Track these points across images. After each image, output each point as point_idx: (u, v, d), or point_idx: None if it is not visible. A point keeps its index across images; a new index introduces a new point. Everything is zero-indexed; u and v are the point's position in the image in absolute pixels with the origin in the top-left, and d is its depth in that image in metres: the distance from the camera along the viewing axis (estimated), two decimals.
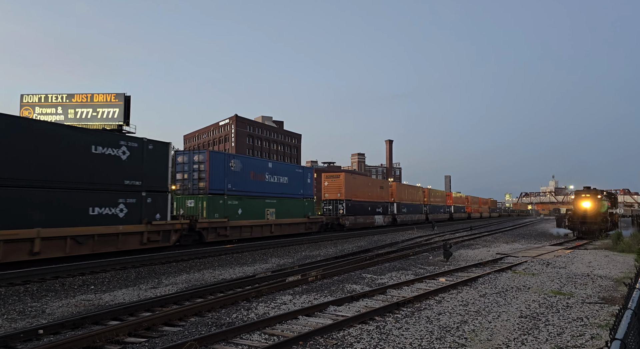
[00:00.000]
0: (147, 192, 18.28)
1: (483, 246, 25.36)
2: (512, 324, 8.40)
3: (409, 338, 7.42)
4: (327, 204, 37.83)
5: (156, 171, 18.89)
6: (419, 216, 55.49)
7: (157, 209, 18.74)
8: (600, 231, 30.54)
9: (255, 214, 25.86)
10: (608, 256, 19.76)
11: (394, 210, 47.94)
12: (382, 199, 44.91)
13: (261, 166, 27.43)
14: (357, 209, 39.16)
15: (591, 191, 32.13)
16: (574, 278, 13.79)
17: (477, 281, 13.07)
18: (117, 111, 46.20)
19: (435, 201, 63.50)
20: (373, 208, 42.72)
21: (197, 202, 23.04)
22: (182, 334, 7.58)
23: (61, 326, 7.79)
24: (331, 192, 37.82)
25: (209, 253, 19.48)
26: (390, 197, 47.45)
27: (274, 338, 7.40)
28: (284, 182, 29.07)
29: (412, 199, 54.00)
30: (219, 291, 11.23)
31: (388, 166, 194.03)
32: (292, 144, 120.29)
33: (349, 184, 38.47)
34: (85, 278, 13.39)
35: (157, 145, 19.22)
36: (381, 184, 46.47)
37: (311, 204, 31.98)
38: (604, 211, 31.60)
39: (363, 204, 40.67)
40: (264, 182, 27.19)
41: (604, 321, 8.58)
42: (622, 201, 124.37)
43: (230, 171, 24.53)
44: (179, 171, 24.28)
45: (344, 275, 14.01)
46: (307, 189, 31.85)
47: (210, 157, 23.43)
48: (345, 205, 37.48)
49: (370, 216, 41.57)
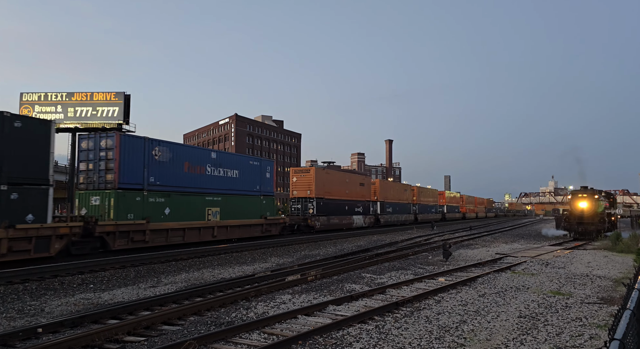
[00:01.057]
0: (9, 185, 14.12)
1: (482, 246, 25.37)
2: (511, 324, 8.41)
3: (408, 338, 7.42)
4: (296, 203, 33.79)
5: (28, 157, 14.73)
6: (406, 216, 51.98)
7: (27, 207, 14.57)
8: (597, 232, 29.82)
9: (190, 215, 21.69)
10: (607, 257, 19.77)
11: (377, 210, 44.36)
12: (362, 197, 40.98)
13: (200, 156, 22.97)
14: (330, 209, 35.12)
15: (588, 190, 31.16)
16: (573, 278, 13.80)
17: (476, 281, 13.07)
18: (117, 109, 46.14)
19: (425, 201, 60.26)
20: (351, 207, 38.79)
21: (103, 199, 18.53)
22: (181, 334, 7.57)
23: (60, 325, 7.78)
24: (300, 190, 33.75)
25: (208, 252, 19.48)
26: (372, 195, 43.81)
27: (273, 337, 7.39)
28: (233, 177, 24.95)
29: (399, 198, 50.42)
30: (218, 290, 11.22)
31: (388, 166, 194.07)
32: (292, 144, 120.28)
33: (320, 180, 34.33)
34: (85, 277, 13.39)
35: (29, 123, 15.04)
36: (362, 181, 42.20)
37: (270, 203, 27.97)
38: (601, 211, 30.86)
39: (338, 202, 36.63)
40: (205, 176, 22.92)
41: (602, 321, 8.58)
42: (622, 201, 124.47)
43: (153, 161, 19.95)
44: (82, 159, 19.73)
45: (343, 274, 14.01)
46: (266, 185, 27.62)
47: (121, 142, 18.89)
48: (316, 204, 33.42)
49: (347, 217, 37.64)
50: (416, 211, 55.81)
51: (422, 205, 58.64)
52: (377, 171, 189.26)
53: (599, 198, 31.21)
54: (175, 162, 21.34)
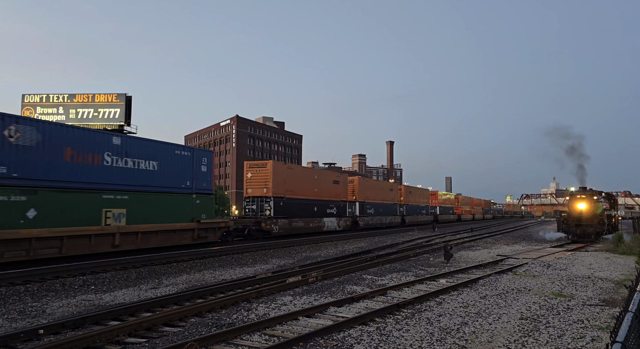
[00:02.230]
0: None
1: (484, 248, 25.34)
2: (513, 326, 8.39)
3: (409, 340, 7.41)
4: (250, 203, 28.72)
5: None
6: (391, 218, 47.38)
7: None
8: (596, 235, 28.81)
9: (75, 219, 16.34)
10: (609, 258, 19.73)
11: (356, 211, 39.91)
12: (337, 197, 36.30)
13: (92, 141, 17.56)
14: (293, 210, 30.20)
15: (587, 191, 30.10)
16: (575, 280, 13.78)
17: (477, 283, 13.06)
18: (119, 111, 46.27)
19: (414, 201, 55.59)
20: (322, 208, 33.90)
21: None
22: (182, 335, 7.58)
23: (61, 326, 7.79)
24: (255, 187, 28.66)
25: (209, 254, 19.48)
26: (350, 195, 39.34)
27: (274, 338, 7.39)
28: (149, 169, 19.68)
29: (383, 198, 45.54)
30: (219, 292, 11.23)
31: (389, 167, 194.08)
32: (293, 145, 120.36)
33: (280, 176, 29.30)
34: (86, 278, 13.40)
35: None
36: (336, 178, 36.98)
37: (207, 203, 22.74)
38: (600, 212, 29.52)
39: (305, 203, 31.66)
40: (102, 168, 17.68)
41: (604, 324, 8.57)
42: (624, 203, 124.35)
43: (7, 145, 14.64)
44: None
45: (344, 276, 14.01)
46: (201, 180, 22.47)
47: None
48: (274, 204, 28.23)
49: (315, 219, 32.80)
50: (403, 213, 51.47)
51: (411, 206, 54.35)
52: (378, 173, 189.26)
53: (598, 199, 30.19)
54: (48, 148, 15.91)
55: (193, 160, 22.19)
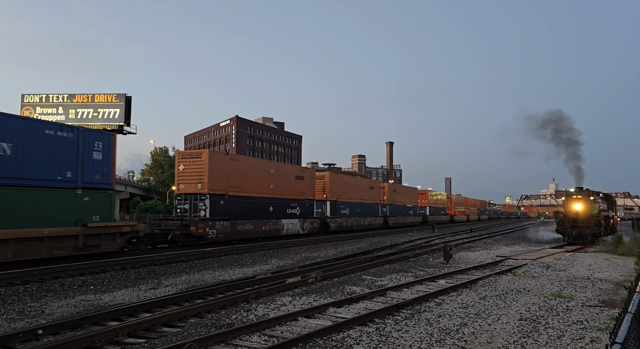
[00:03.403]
0: None
1: (483, 249, 25.34)
2: (512, 327, 8.39)
3: (408, 340, 7.41)
4: (182, 202, 23.06)
5: None
6: (371, 219, 42.46)
7: None
8: (592, 236, 27.99)
9: None
10: (608, 259, 19.74)
11: (327, 211, 34.99)
12: (301, 195, 31.00)
13: None
14: (239, 210, 24.68)
15: (583, 192, 29.27)
16: (574, 281, 13.78)
17: (477, 284, 13.06)
18: (118, 111, 46.27)
19: (400, 201, 50.79)
20: (280, 208, 28.49)
21: None
22: (181, 335, 7.57)
23: (60, 327, 7.79)
24: (189, 182, 23.05)
25: (209, 254, 19.48)
26: (319, 193, 34.63)
27: (273, 339, 7.39)
28: None
29: (361, 197, 40.65)
30: (218, 292, 11.22)
31: (388, 168, 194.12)
32: (292, 145, 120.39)
33: (220, 168, 23.66)
34: (85, 278, 13.40)
35: None
36: (299, 173, 31.71)
37: (101, 201, 17.10)
38: (596, 213, 28.69)
39: (256, 201, 26.07)
40: None
41: (604, 325, 8.57)
42: (623, 204, 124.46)
43: None
44: None
45: (343, 277, 14.01)
46: (91, 170, 16.82)
47: None
48: (212, 203, 22.78)
49: (270, 221, 27.26)
50: (386, 213, 46.63)
51: (396, 206, 49.36)
52: (378, 173, 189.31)
53: (595, 200, 29.40)
54: None
55: (78, 144, 16.43)
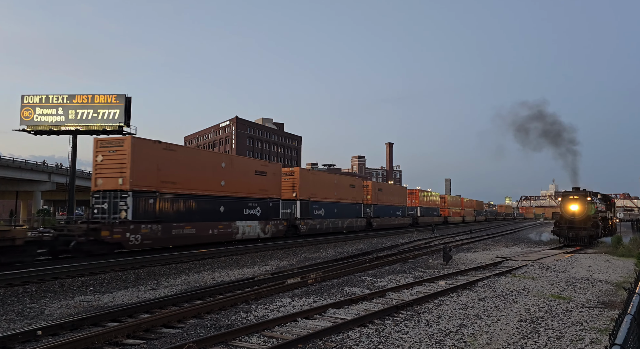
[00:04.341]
0: None
1: (483, 250, 25.33)
2: (512, 328, 8.39)
3: (408, 341, 7.41)
4: (100, 200, 18.96)
5: None
6: (352, 221, 38.30)
7: None
8: (589, 238, 27.19)
9: None
10: (608, 261, 19.74)
11: (296, 212, 30.98)
12: (262, 193, 26.69)
13: None
14: (175, 211, 20.54)
15: (580, 192, 28.42)
16: (574, 282, 13.78)
17: (476, 285, 13.05)
18: (118, 112, 46.23)
19: (387, 201, 46.97)
20: (235, 208, 24.29)
21: None
22: (181, 336, 7.57)
23: (60, 327, 7.78)
24: (108, 176, 19.00)
25: (208, 255, 19.47)
26: (288, 191, 30.80)
27: (272, 340, 7.39)
28: None
29: (340, 196, 36.62)
30: (218, 293, 11.22)
31: (388, 169, 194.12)
32: (292, 146, 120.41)
33: (149, 160, 19.30)
34: (85, 279, 13.39)
35: None
36: (260, 168, 27.00)
37: None
38: (593, 214, 27.88)
39: (201, 200, 21.87)
40: None
41: (603, 326, 8.56)
42: (623, 205, 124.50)
43: None
44: None
45: (343, 278, 14.00)
46: None
47: None
48: (134, 201, 18.70)
49: (220, 223, 22.85)
50: (370, 215, 42.70)
51: (382, 206, 45.43)
52: (378, 174, 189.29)
53: (592, 200, 28.66)
54: None
55: None
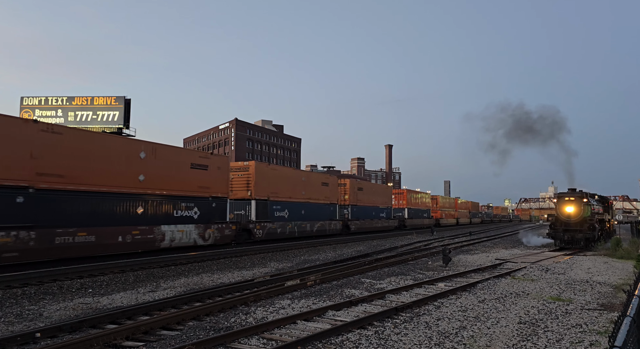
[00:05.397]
0: None
1: (482, 252, 25.33)
2: (511, 331, 8.38)
3: (407, 344, 7.40)
4: None
5: None
6: (323, 224, 32.85)
7: None
8: (586, 241, 26.32)
9: None
10: (607, 263, 19.74)
11: (251, 214, 25.52)
12: (202, 191, 21.68)
13: None
14: (60, 213, 15.43)
15: (576, 193, 27.46)
16: (573, 284, 13.78)
17: (476, 287, 13.05)
18: (117, 113, 46.28)
19: (368, 201, 42.19)
20: (161, 209, 19.61)
21: None
22: (180, 339, 7.56)
23: (58, 330, 7.76)
24: None
25: (207, 257, 19.45)
26: (242, 189, 25.69)
27: (272, 342, 7.38)
28: None
29: (309, 195, 31.63)
30: (217, 295, 11.20)
31: (387, 171, 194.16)
32: (292, 148, 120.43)
33: (16, 144, 14.17)
34: (84, 281, 13.36)
35: None
36: (199, 161, 21.74)
37: None
38: (589, 216, 26.95)
39: (109, 199, 17.36)
40: None
41: (603, 328, 8.56)
42: (622, 207, 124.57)
43: None
44: None
45: (342, 280, 13.99)
46: None
47: None
48: None
49: (137, 228, 17.97)
50: (348, 216, 37.66)
51: (362, 208, 40.68)
52: (377, 176, 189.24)
53: (588, 201, 27.37)
54: None
55: None
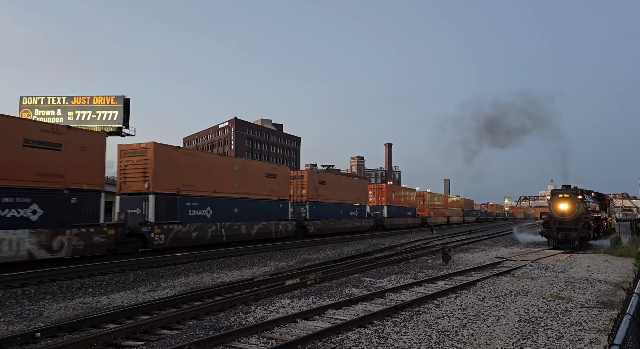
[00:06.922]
0: None
1: (482, 250, 25.34)
2: (511, 329, 8.39)
3: (407, 342, 7.41)
4: None
5: None
6: (267, 225, 26.16)
7: None
8: (580, 240, 25.17)
9: None
10: (607, 261, 19.76)
11: (149, 214, 19.32)
12: (50, 181, 14.89)
13: None
14: None
15: (570, 190, 26.26)
16: (573, 282, 13.79)
17: (476, 285, 13.05)
18: (117, 113, 46.25)
19: (336, 198, 35.69)
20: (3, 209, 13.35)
21: None
22: (180, 338, 7.56)
23: (59, 329, 7.77)
24: None
25: (207, 256, 19.45)
26: (136, 180, 19.71)
27: (272, 341, 7.38)
28: None
29: (247, 189, 24.99)
30: (217, 295, 11.20)
31: (387, 169, 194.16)
32: (291, 147, 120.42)
33: None
34: (84, 281, 13.36)
35: None
36: (38, 137, 14.50)
37: None
38: (585, 214, 25.68)
39: None
40: None
41: (602, 326, 8.57)
42: (621, 205, 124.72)
43: None
44: None
45: (342, 278, 13.99)
46: None
47: None
48: None
49: None
50: (305, 215, 31.93)
51: (327, 205, 34.42)
52: (377, 175, 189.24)
53: (583, 199, 26.16)
54: None
55: None
